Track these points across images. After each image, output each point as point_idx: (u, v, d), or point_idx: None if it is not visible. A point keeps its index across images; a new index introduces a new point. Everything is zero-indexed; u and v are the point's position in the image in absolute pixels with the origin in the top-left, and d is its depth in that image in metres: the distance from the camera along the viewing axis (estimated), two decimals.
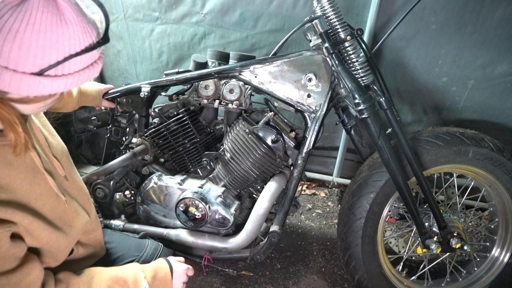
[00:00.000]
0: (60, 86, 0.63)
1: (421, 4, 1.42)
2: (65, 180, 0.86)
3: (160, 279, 0.89)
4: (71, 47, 0.61)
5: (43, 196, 0.76)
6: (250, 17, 1.84)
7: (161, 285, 0.89)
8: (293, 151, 1.39)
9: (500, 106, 1.74)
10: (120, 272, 0.86)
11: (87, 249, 0.96)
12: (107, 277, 0.83)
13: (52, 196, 0.79)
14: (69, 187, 0.87)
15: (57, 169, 0.84)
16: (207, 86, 1.42)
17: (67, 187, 0.86)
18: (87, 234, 0.95)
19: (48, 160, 0.82)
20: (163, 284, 0.89)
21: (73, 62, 0.62)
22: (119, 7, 1.96)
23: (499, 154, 1.32)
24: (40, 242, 0.75)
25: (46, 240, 0.76)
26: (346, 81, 1.21)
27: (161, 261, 0.95)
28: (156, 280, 0.88)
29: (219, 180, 1.45)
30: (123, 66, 2.19)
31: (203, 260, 1.38)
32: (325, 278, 1.68)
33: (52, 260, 0.82)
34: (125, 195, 1.76)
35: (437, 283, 1.53)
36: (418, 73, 1.77)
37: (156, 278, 0.88)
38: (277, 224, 1.32)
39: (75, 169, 0.94)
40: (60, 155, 0.88)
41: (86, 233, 0.95)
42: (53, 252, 0.80)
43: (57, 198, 0.81)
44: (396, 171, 1.25)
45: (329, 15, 1.22)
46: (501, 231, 1.47)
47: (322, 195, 2.30)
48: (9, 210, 0.67)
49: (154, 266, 0.92)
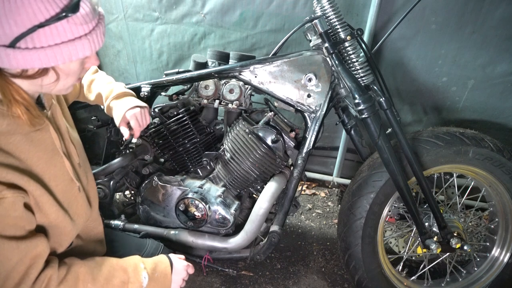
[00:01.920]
0: (35, 60, 0.63)
1: (421, 4, 1.42)
2: (79, 167, 0.90)
3: (159, 272, 0.90)
4: (31, 17, 0.60)
5: (57, 177, 0.79)
6: (250, 17, 1.84)
7: (161, 278, 0.89)
8: (293, 151, 1.39)
9: (500, 106, 1.74)
10: (121, 261, 0.87)
11: (87, 246, 0.97)
12: (109, 263, 0.84)
13: (66, 180, 0.82)
14: (82, 176, 0.91)
15: (73, 156, 0.88)
16: (207, 86, 1.42)
17: (80, 175, 0.90)
18: (87, 230, 0.96)
19: (66, 145, 0.86)
20: (162, 277, 0.90)
21: (43, 34, 0.62)
22: (119, 7, 1.96)
23: (499, 154, 1.32)
24: (47, 219, 0.77)
25: (54, 217, 0.78)
26: (346, 81, 1.21)
27: (162, 256, 0.96)
28: (155, 272, 0.89)
29: (219, 180, 1.45)
30: (123, 66, 2.19)
31: (203, 260, 1.38)
32: (325, 278, 1.68)
33: (57, 245, 0.83)
34: (125, 195, 1.76)
35: (437, 283, 1.53)
36: (418, 73, 1.77)
37: (156, 270, 0.89)
38: (277, 224, 1.32)
39: (88, 163, 0.98)
40: (77, 144, 0.93)
41: (86, 229, 0.96)
42: (58, 234, 0.81)
43: (71, 183, 0.84)
44: (396, 171, 1.25)
45: (329, 15, 1.22)
46: (501, 231, 1.47)
47: (322, 195, 2.30)
48: (24, 178, 0.69)
49: (154, 260, 0.93)
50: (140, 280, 0.84)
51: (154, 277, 0.88)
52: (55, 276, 0.73)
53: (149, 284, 0.86)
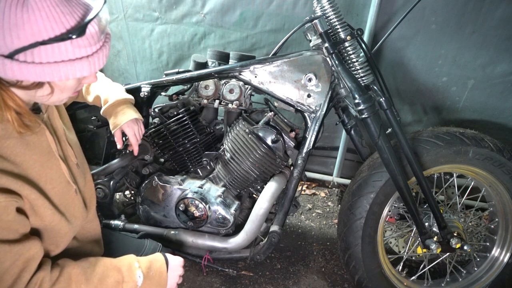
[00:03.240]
0: (31, 74, 0.63)
1: (421, 4, 1.42)
2: (77, 168, 0.90)
3: (155, 270, 0.89)
4: (35, 33, 0.60)
5: (53, 180, 0.79)
6: (250, 17, 1.84)
7: (156, 276, 0.89)
8: (293, 151, 1.39)
9: (500, 106, 1.74)
10: (115, 261, 0.87)
11: (84, 247, 0.97)
12: (102, 263, 0.84)
13: (62, 182, 0.82)
14: (80, 178, 0.91)
15: (70, 157, 0.88)
16: (207, 86, 1.42)
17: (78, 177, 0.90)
18: (84, 232, 0.96)
19: (63, 147, 0.86)
20: (158, 275, 0.89)
21: (44, 51, 0.62)
22: (119, 7, 1.96)
23: (499, 154, 1.32)
24: (43, 222, 0.77)
25: (49, 220, 0.77)
26: (346, 81, 1.21)
27: (157, 254, 0.96)
28: (150, 270, 0.88)
29: (219, 180, 1.45)
30: (123, 66, 2.19)
31: (203, 260, 1.38)
32: (325, 278, 1.68)
33: (53, 246, 0.83)
34: (125, 195, 1.76)
35: (437, 283, 1.53)
36: (418, 73, 1.77)
37: (151, 269, 0.89)
38: (277, 224, 1.32)
39: (87, 164, 0.98)
40: (74, 145, 0.93)
41: (83, 231, 0.95)
42: (54, 236, 0.81)
43: (67, 185, 0.84)
44: (396, 171, 1.25)
45: (329, 15, 1.22)
46: (501, 231, 1.47)
47: (322, 195, 2.30)
48: (18, 182, 0.69)
49: (149, 258, 0.93)
50: (134, 279, 0.84)
51: (149, 275, 0.87)
52: (48, 278, 0.73)
53: (144, 282, 0.85)
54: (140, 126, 1.27)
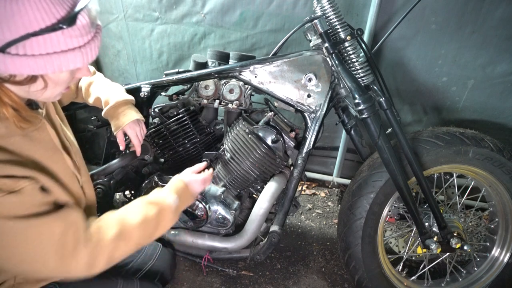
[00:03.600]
0: (24, 67, 0.62)
1: (421, 4, 1.42)
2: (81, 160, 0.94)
3: (181, 191, 1.00)
4: (26, 25, 0.59)
5: (60, 173, 0.82)
6: (250, 17, 1.84)
7: (184, 195, 1.00)
8: (293, 151, 1.39)
9: (500, 106, 1.74)
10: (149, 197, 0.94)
11: None
12: (138, 201, 0.90)
13: (68, 174, 0.85)
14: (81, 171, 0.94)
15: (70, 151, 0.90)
16: (207, 86, 1.42)
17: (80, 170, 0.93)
18: None
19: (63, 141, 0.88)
20: (185, 193, 1.00)
21: (36, 42, 0.61)
22: (119, 7, 1.96)
23: (499, 154, 1.32)
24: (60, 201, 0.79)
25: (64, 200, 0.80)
26: (346, 81, 1.21)
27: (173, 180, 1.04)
28: (179, 192, 0.98)
29: (219, 180, 1.45)
30: (123, 66, 2.19)
31: (203, 260, 1.38)
32: (325, 278, 1.68)
33: None
34: (125, 195, 1.76)
35: (437, 283, 1.53)
36: (418, 73, 1.77)
37: (178, 191, 0.98)
38: (277, 224, 1.32)
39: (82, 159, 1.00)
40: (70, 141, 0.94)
41: None
42: None
43: (72, 177, 0.87)
44: (396, 171, 1.25)
45: (329, 15, 1.22)
46: (501, 231, 1.47)
47: (322, 195, 2.30)
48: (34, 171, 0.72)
49: (170, 186, 0.99)
50: None
51: (182, 199, 0.98)
52: (105, 225, 0.80)
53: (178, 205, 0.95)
54: (142, 126, 1.27)
